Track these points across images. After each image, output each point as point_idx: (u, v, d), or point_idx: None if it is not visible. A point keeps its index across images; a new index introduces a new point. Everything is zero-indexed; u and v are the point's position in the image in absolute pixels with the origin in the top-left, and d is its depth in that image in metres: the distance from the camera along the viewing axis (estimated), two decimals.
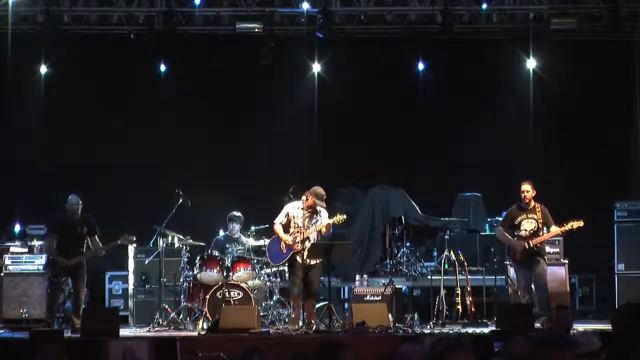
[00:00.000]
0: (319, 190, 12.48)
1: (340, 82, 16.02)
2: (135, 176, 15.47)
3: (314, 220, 12.46)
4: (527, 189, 12.82)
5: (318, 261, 12.50)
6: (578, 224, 12.64)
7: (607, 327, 11.36)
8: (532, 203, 12.83)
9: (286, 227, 12.56)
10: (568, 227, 12.68)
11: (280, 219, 12.61)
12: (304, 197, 12.53)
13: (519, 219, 12.84)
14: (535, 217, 12.78)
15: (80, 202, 13.04)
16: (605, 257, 14.94)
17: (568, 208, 13.55)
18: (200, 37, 15.73)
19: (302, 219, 12.46)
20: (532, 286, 12.76)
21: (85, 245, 13.07)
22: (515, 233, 12.86)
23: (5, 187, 15.22)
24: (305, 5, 15.33)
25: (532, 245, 12.69)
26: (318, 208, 12.48)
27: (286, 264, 12.79)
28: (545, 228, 12.82)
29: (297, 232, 12.43)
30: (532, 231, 12.77)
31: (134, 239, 13.24)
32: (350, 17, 15.70)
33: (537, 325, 12.09)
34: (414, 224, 15.17)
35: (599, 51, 15.88)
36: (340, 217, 12.50)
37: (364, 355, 10.24)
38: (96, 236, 13.07)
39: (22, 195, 15.06)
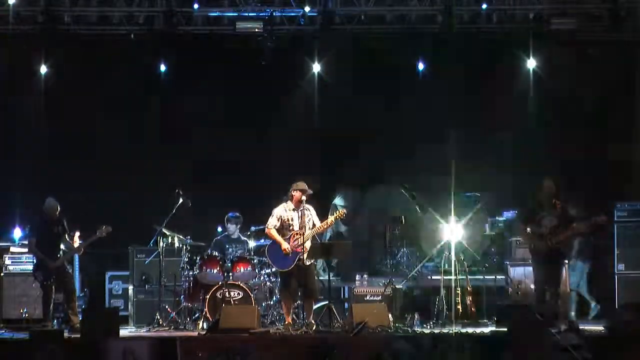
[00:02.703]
0: (301, 183, 12.46)
1: (340, 82, 16.02)
2: (135, 176, 15.46)
3: (307, 219, 12.41)
4: (550, 186, 12.70)
5: (313, 261, 12.48)
6: (601, 220, 12.52)
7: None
8: (553, 200, 12.72)
9: (280, 231, 12.45)
10: (592, 222, 12.55)
11: (273, 223, 12.47)
12: (292, 194, 12.46)
13: (539, 217, 12.70)
14: (555, 214, 12.64)
15: (58, 205, 13.14)
16: (606, 257, 14.90)
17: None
18: (200, 37, 15.73)
19: (299, 220, 12.40)
20: (545, 286, 12.63)
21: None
22: (535, 231, 12.74)
23: (5, 188, 15.21)
24: (307, 8, 15.33)
25: (554, 243, 12.57)
26: (307, 205, 12.44)
27: None
28: (564, 225, 12.69)
29: (297, 234, 12.35)
30: (552, 228, 12.65)
31: (110, 229, 13.23)
32: (350, 17, 15.71)
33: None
34: (413, 224, 15.15)
35: (599, 51, 15.87)
36: (340, 213, 12.46)
37: (362, 355, 10.26)
38: (66, 235, 13.19)
39: (21, 196, 15.05)
